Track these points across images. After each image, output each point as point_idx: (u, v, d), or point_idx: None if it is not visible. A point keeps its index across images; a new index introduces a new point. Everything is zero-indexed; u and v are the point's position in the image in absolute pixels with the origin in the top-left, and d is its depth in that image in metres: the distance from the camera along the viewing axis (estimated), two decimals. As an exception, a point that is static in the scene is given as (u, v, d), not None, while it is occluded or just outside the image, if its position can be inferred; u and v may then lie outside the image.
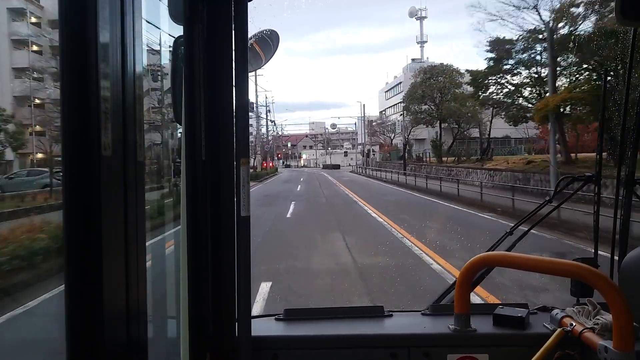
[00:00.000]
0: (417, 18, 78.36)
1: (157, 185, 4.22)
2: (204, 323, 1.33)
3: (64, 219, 0.65)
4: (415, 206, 18.87)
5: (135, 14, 0.77)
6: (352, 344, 1.54)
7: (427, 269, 7.87)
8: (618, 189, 1.87)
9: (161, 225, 2.08)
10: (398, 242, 10.54)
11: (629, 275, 1.53)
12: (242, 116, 1.34)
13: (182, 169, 1.27)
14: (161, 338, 1.57)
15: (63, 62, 0.65)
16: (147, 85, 8.39)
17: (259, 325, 1.56)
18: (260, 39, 2.04)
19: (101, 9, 0.67)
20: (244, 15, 1.33)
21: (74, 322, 0.66)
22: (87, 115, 0.65)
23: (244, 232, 1.35)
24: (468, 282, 1.48)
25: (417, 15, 78.12)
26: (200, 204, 1.30)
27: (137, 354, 0.78)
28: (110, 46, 0.69)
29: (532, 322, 1.58)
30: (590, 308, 1.46)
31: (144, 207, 0.81)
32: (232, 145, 1.34)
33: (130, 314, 0.75)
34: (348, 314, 1.71)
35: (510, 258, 1.42)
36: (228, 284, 1.37)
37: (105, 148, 0.68)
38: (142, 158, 0.79)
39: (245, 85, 1.34)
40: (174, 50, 1.29)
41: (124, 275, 0.74)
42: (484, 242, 8.82)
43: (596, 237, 1.93)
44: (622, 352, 1.16)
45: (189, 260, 1.27)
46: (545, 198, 2.06)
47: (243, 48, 1.33)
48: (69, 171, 0.66)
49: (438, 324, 1.59)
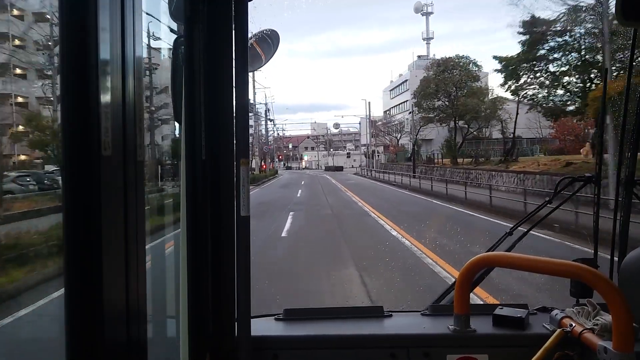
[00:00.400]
0: (422, 14, 75.12)
1: (156, 187, 4.20)
2: (204, 323, 1.33)
3: (64, 219, 0.65)
4: (447, 220, 14.28)
5: (135, 14, 0.77)
6: (352, 344, 1.54)
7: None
8: (618, 189, 1.87)
9: (161, 225, 2.08)
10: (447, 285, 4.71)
11: (628, 275, 1.53)
12: (242, 116, 1.34)
13: (182, 169, 1.27)
14: (161, 338, 1.57)
15: (63, 62, 0.65)
16: (147, 85, 8.38)
17: (258, 325, 1.56)
18: (260, 39, 2.04)
19: (101, 9, 0.67)
20: (244, 15, 1.33)
21: (74, 322, 0.66)
22: (87, 115, 0.65)
23: (244, 232, 1.35)
24: (468, 283, 1.48)
25: (423, 11, 74.85)
26: (200, 204, 1.30)
27: (137, 354, 0.78)
28: (110, 46, 0.69)
29: (531, 322, 1.58)
30: (589, 309, 1.46)
31: (144, 207, 0.81)
32: (232, 145, 1.34)
33: (130, 314, 0.75)
34: (348, 314, 1.71)
35: (509, 258, 1.42)
36: (228, 284, 1.37)
37: (105, 148, 0.67)
38: (142, 158, 0.79)
39: (245, 85, 1.34)
40: (174, 50, 1.29)
41: (124, 275, 0.74)
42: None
43: (596, 238, 1.93)
44: (622, 353, 1.16)
45: (189, 260, 1.27)
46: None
47: (243, 48, 1.33)
48: (69, 171, 0.66)
49: (438, 324, 1.59)
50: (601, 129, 1.90)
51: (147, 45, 1.93)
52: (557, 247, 9.54)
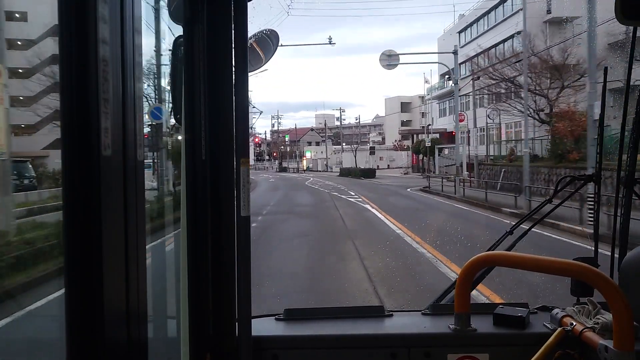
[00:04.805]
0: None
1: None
2: (204, 323, 1.33)
3: (64, 219, 0.65)
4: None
5: (135, 14, 0.77)
6: (352, 344, 1.54)
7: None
8: (618, 188, 1.87)
9: (161, 225, 2.08)
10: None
11: (629, 274, 1.53)
12: (242, 116, 1.34)
13: (182, 168, 1.27)
14: (161, 338, 1.58)
15: (63, 63, 0.65)
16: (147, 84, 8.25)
17: (259, 325, 1.56)
18: (260, 39, 2.05)
19: (101, 9, 0.67)
20: (244, 15, 1.33)
21: (74, 322, 0.66)
22: (87, 115, 0.65)
23: (244, 232, 1.35)
24: (468, 282, 1.48)
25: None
26: (200, 204, 1.30)
27: (137, 354, 0.78)
28: (110, 46, 0.69)
29: (532, 321, 1.58)
30: (590, 307, 1.47)
31: (144, 207, 0.81)
32: (232, 145, 1.34)
33: (130, 314, 0.75)
34: (348, 314, 1.71)
35: (510, 257, 1.42)
36: (228, 284, 1.37)
37: (105, 148, 0.68)
38: (142, 158, 0.79)
39: (245, 85, 1.34)
40: (174, 50, 1.29)
41: (124, 275, 0.74)
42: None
43: (596, 237, 1.93)
44: (622, 352, 1.16)
45: (189, 260, 1.27)
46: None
47: (243, 48, 1.33)
48: (69, 171, 0.66)
49: (438, 324, 1.59)
50: (601, 128, 1.90)
51: (146, 45, 1.93)
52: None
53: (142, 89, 0.83)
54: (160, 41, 6.09)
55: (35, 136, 25.96)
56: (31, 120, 24.07)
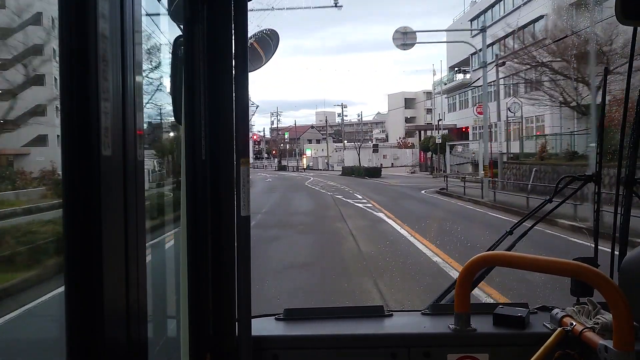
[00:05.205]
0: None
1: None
2: (204, 323, 1.33)
3: (64, 219, 0.65)
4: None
5: (135, 14, 0.77)
6: (352, 343, 1.54)
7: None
8: (618, 188, 1.87)
9: (161, 224, 2.08)
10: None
11: (629, 274, 1.53)
12: (242, 116, 1.34)
13: (182, 168, 1.27)
14: (161, 338, 1.58)
15: (63, 62, 0.65)
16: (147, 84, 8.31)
17: (259, 325, 1.56)
18: (260, 39, 2.05)
19: (100, 9, 0.67)
20: (244, 15, 1.33)
21: (74, 322, 0.66)
22: (87, 115, 0.65)
23: (244, 232, 1.35)
24: (468, 282, 1.48)
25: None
26: (200, 204, 1.30)
27: (137, 354, 0.78)
28: (110, 45, 0.69)
29: (532, 321, 1.58)
30: (590, 307, 1.46)
31: (144, 207, 0.81)
32: (232, 145, 1.34)
33: (130, 314, 0.75)
34: (348, 314, 1.71)
35: (510, 257, 1.42)
36: (228, 284, 1.37)
37: (105, 148, 0.68)
38: (142, 158, 0.79)
39: (245, 85, 1.34)
40: (174, 50, 1.29)
41: (124, 275, 0.74)
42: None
43: (596, 237, 1.93)
44: (622, 352, 1.16)
45: (189, 260, 1.27)
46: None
47: (243, 48, 1.33)
48: (69, 171, 0.66)
49: (438, 324, 1.59)
50: (601, 128, 1.90)
51: (146, 45, 1.93)
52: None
53: (142, 88, 0.83)
54: (160, 41, 6.10)
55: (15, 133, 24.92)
56: (11, 115, 23.08)
